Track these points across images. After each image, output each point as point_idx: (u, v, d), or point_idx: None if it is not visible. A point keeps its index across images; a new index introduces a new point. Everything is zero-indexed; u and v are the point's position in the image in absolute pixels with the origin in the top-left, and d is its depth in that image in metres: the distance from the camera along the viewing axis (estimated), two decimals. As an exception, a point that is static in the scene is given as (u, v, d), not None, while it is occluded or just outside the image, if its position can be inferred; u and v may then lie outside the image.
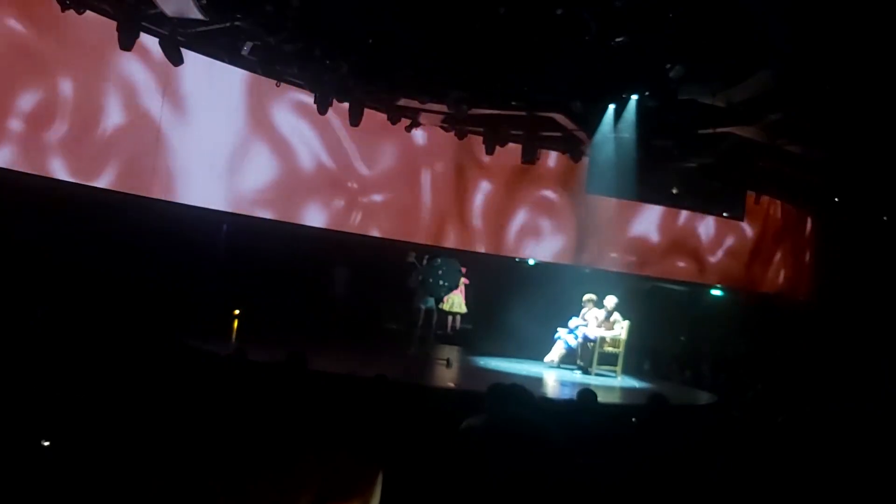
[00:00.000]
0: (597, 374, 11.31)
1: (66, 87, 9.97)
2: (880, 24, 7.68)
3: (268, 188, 12.18)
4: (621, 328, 11.60)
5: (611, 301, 11.71)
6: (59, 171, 9.98)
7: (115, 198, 10.36)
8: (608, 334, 11.56)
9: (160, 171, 10.97)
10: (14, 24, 9.48)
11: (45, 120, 9.81)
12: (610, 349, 11.58)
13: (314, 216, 12.74)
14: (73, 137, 10.05)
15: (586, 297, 11.85)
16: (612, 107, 11.24)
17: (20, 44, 9.54)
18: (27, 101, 9.68)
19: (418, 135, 13.46)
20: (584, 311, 11.81)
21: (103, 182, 10.37)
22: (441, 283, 11.41)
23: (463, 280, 13.02)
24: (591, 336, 11.54)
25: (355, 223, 13.14)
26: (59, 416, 3.78)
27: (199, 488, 2.62)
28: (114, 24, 9.40)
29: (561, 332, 11.77)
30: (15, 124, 9.60)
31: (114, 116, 10.42)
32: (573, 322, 11.73)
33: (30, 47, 9.62)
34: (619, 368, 11.49)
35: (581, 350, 11.64)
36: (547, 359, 11.75)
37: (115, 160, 10.48)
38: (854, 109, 9.51)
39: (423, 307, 11.34)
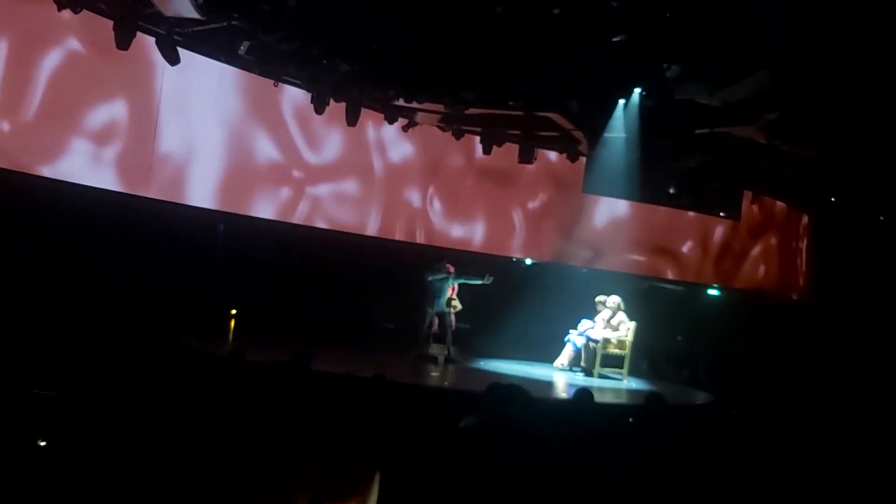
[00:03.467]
0: (601, 377, 11.14)
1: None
2: (877, 24, 7.69)
3: (253, 182, 12.15)
4: (627, 329, 11.41)
5: (613, 301, 11.56)
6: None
7: (112, 197, 10.34)
8: (613, 335, 11.39)
9: (155, 169, 10.95)
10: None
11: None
12: (615, 351, 11.37)
13: (309, 214, 12.75)
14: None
15: (597, 298, 11.70)
16: (620, 103, 11.17)
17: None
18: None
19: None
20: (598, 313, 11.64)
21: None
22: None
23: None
24: (595, 337, 11.39)
25: (354, 222, 13.14)
26: (58, 416, 3.77)
27: (199, 488, 2.61)
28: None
29: (571, 334, 11.63)
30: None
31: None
32: (583, 324, 11.60)
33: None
34: (625, 371, 11.31)
35: (584, 352, 11.47)
36: (557, 363, 11.56)
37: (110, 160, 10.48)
38: (851, 109, 9.52)
39: (434, 310, 11.28)
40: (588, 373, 11.28)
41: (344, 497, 2.76)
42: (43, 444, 3.34)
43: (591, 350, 11.40)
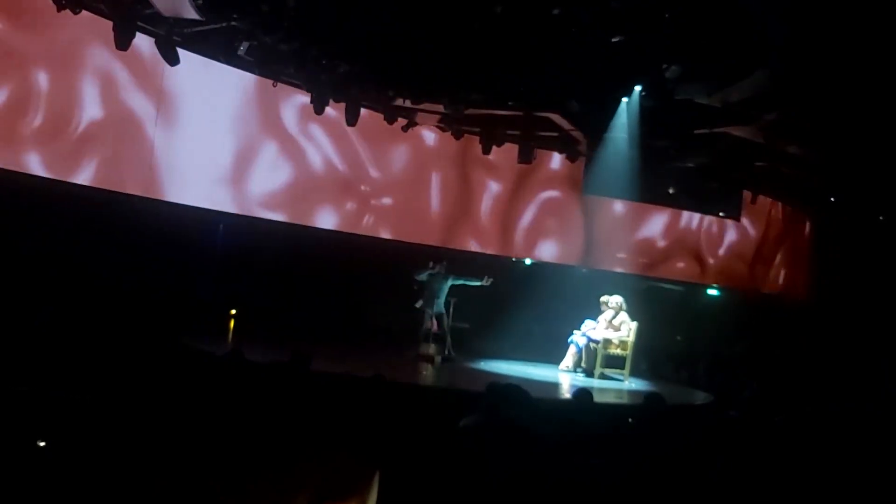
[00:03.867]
0: (601, 378, 11.05)
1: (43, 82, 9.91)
2: (877, 23, 7.70)
3: (273, 189, 12.15)
4: (628, 329, 11.30)
5: (615, 301, 11.46)
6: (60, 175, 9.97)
7: (111, 198, 10.32)
8: (614, 336, 11.30)
9: (158, 171, 10.94)
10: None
11: (23, 115, 9.70)
12: (616, 351, 11.26)
13: (313, 217, 12.74)
14: (59, 137, 10.03)
15: (602, 298, 11.61)
16: (623, 102, 11.11)
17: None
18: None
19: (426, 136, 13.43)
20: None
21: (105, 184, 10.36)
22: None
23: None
24: (595, 337, 11.30)
25: (359, 224, 13.14)
26: (58, 416, 3.77)
27: (199, 488, 2.61)
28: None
29: (575, 335, 11.52)
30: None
31: (109, 118, 10.40)
32: (587, 325, 11.50)
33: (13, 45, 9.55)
34: (626, 371, 11.19)
35: (585, 352, 11.35)
36: (562, 365, 11.44)
37: (110, 161, 10.46)
38: (850, 109, 9.53)
39: (431, 311, 11.27)
40: (589, 373, 11.20)
41: (344, 497, 2.77)
42: (42, 444, 3.33)
43: (591, 350, 11.32)
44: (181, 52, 9.99)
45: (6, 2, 9.41)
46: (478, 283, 11.40)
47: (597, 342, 11.26)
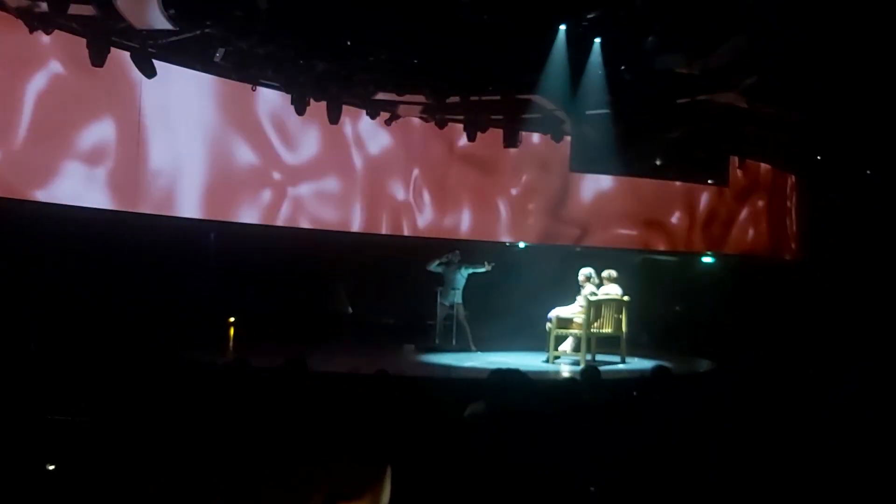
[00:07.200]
0: (555, 361, 10.31)
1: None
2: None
3: (246, 191, 12.12)
4: (581, 305, 10.35)
5: (581, 274, 10.69)
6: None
7: (99, 215, 10.29)
8: (566, 312, 10.42)
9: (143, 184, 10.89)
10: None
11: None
12: (574, 331, 10.36)
13: (292, 214, 12.69)
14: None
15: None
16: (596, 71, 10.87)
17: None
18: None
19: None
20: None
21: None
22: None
23: None
24: (549, 315, 10.47)
25: (337, 219, 13.11)
26: (67, 439, 3.79)
27: (208, 498, 2.63)
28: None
29: None
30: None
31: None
32: None
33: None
34: (581, 354, 10.24)
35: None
36: (560, 349, 10.78)
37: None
38: (830, 66, 9.55)
39: (446, 303, 11.32)
40: (547, 359, 10.39)
41: (356, 496, 2.78)
42: (51, 467, 3.35)
43: (547, 332, 10.45)
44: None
45: None
46: (483, 270, 11.44)
47: (549, 320, 10.50)
